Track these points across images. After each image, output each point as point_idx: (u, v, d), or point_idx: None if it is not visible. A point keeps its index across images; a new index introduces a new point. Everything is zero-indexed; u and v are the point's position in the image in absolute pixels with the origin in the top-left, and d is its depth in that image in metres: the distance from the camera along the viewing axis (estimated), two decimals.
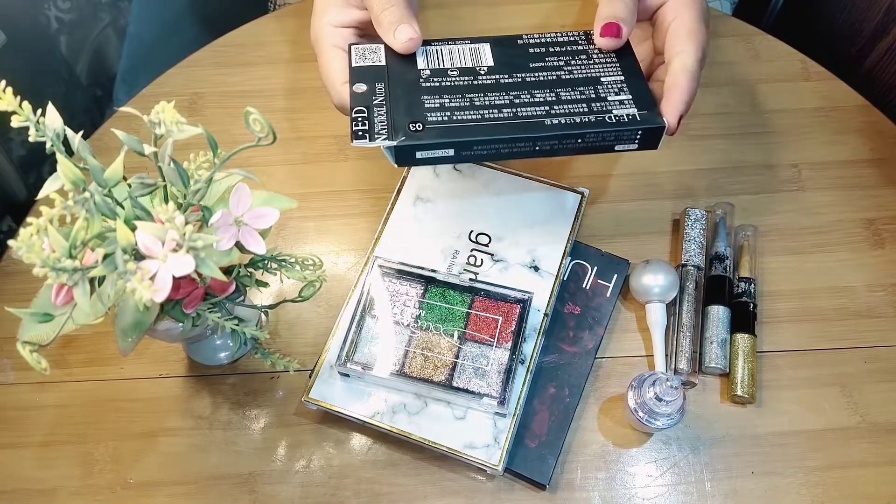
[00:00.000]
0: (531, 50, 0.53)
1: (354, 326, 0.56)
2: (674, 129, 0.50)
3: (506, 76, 0.51)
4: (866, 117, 0.69)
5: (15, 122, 0.39)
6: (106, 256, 0.39)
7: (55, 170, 0.40)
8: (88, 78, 0.96)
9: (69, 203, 0.39)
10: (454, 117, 0.48)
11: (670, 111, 0.50)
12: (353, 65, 0.52)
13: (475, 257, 0.60)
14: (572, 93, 0.50)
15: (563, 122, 0.48)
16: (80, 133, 0.42)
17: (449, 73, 0.51)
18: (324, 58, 0.55)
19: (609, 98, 0.50)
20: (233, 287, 0.49)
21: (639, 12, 0.54)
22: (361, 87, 0.50)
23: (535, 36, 0.54)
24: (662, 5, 0.54)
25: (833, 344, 0.59)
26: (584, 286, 0.60)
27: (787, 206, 0.65)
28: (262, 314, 0.60)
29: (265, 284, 0.52)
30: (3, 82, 0.39)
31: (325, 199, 0.66)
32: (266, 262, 0.50)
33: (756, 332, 0.59)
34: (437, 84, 0.51)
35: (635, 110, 0.49)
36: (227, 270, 0.49)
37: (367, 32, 0.57)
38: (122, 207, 0.42)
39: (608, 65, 0.52)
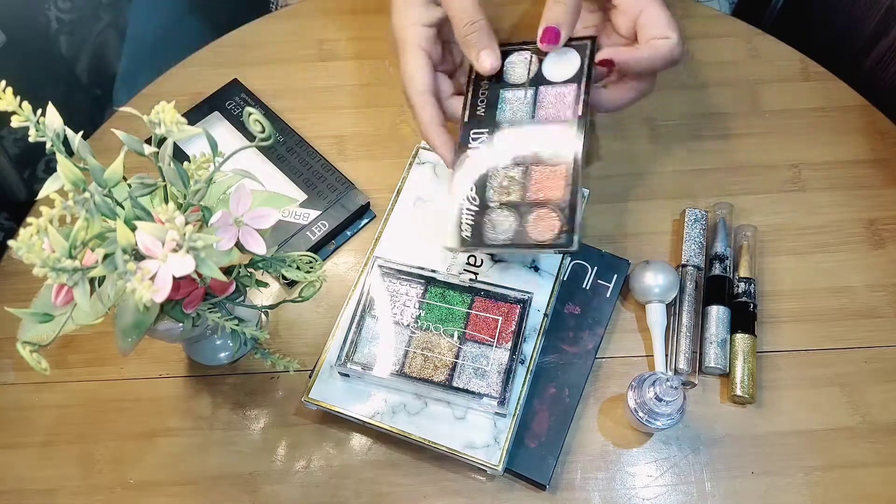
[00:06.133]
0: None
1: (354, 326, 0.56)
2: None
3: None
4: (866, 117, 0.69)
5: (15, 122, 0.39)
6: (106, 256, 0.39)
7: (50, 167, 0.40)
8: (88, 78, 0.96)
9: (69, 203, 0.39)
10: None
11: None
12: None
13: (475, 257, 0.60)
14: None
15: None
16: (80, 133, 0.42)
17: None
18: (410, 60, 0.54)
19: None
20: (233, 287, 0.49)
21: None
22: None
23: None
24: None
25: (833, 344, 0.59)
26: (584, 286, 0.60)
27: (787, 206, 0.65)
28: (262, 314, 0.60)
29: (265, 284, 0.52)
30: (3, 82, 0.39)
31: None
32: (266, 262, 0.50)
33: (756, 332, 0.59)
34: None
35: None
36: (227, 270, 0.49)
37: (442, 32, 0.56)
38: (122, 207, 0.42)
39: None
